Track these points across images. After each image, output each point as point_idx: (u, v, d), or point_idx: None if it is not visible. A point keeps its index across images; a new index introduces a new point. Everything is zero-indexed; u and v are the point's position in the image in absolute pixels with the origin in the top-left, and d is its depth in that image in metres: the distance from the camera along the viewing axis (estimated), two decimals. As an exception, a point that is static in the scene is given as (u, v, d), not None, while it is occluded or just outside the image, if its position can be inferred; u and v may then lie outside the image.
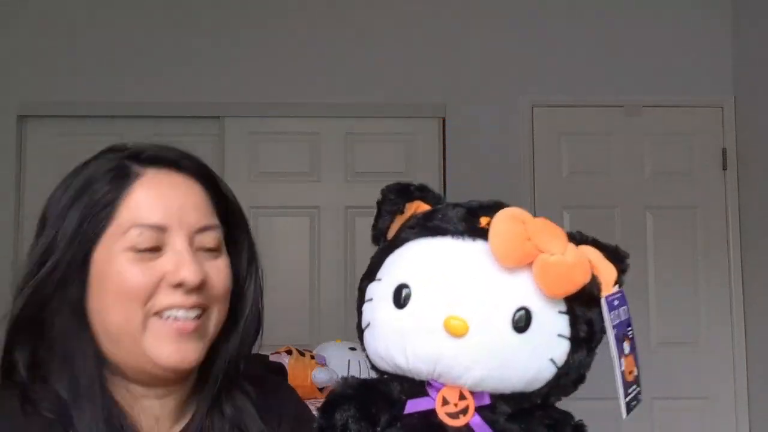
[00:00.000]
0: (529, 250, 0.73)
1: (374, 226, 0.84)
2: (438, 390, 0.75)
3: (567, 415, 0.79)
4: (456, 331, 0.72)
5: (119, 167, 0.93)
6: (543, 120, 3.65)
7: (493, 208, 0.78)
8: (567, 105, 3.64)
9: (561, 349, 0.76)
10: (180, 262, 0.90)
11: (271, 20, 3.61)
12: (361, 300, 0.81)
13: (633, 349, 0.85)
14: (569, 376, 0.77)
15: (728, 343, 3.59)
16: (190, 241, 0.92)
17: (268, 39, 3.60)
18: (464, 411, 0.74)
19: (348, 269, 3.55)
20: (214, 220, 0.96)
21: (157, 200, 0.92)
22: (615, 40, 3.65)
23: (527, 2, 3.64)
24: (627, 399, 0.79)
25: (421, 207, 0.83)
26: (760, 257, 3.46)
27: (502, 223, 0.74)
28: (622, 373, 0.80)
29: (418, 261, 0.77)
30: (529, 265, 0.74)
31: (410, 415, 0.75)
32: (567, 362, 0.76)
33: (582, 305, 0.76)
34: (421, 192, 0.84)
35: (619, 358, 0.81)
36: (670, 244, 3.63)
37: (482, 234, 0.76)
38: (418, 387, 0.76)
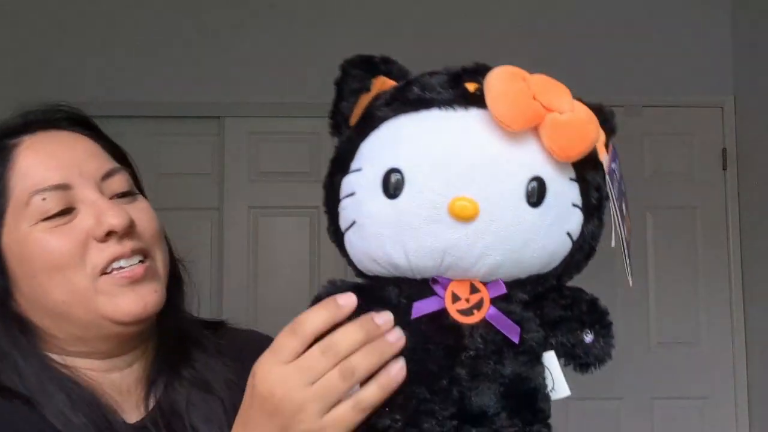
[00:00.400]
0: (537, 109, 0.64)
1: (333, 112, 0.72)
2: (445, 286, 0.66)
3: (579, 292, 0.71)
4: (464, 213, 0.62)
5: None
6: (543, 120, 3.64)
7: (476, 71, 0.68)
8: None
9: (576, 221, 0.68)
10: (99, 212, 0.84)
11: (271, 20, 3.60)
12: (334, 198, 0.69)
13: (627, 207, 0.75)
14: (583, 249, 0.69)
15: (728, 343, 3.59)
16: (100, 190, 0.86)
17: (267, 39, 3.60)
18: (478, 305, 0.66)
19: (348, 269, 3.54)
20: (115, 164, 0.90)
21: (47, 160, 0.86)
22: (615, 40, 3.65)
23: (526, 2, 3.64)
24: (628, 260, 0.71)
25: (386, 83, 0.71)
26: (760, 257, 3.46)
27: (501, 82, 0.64)
28: (628, 242, 0.72)
29: (406, 141, 0.66)
30: (534, 128, 0.65)
31: (417, 320, 0.66)
32: (582, 234, 0.68)
33: (590, 169, 0.68)
34: (386, 65, 0.72)
35: (623, 224, 0.72)
36: (670, 244, 3.63)
37: (474, 101, 0.65)
38: (420, 287, 0.66)
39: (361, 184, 0.67)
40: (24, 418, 0.82)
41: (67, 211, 0.85)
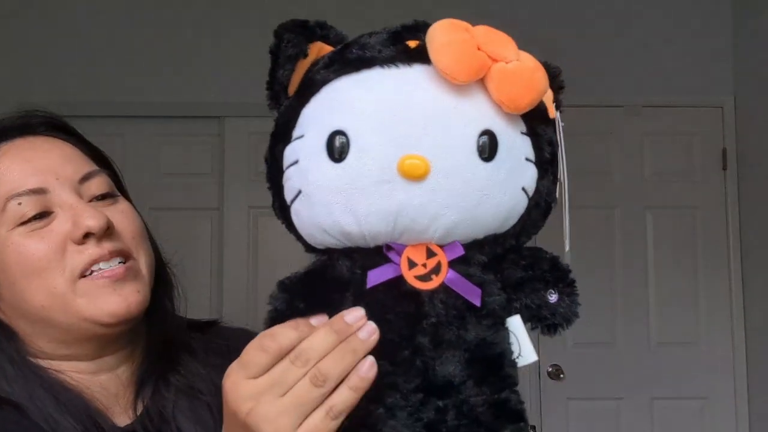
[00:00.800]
0: (482, 60, 0.61)
1: (270, 82, 0.68)
2: (400, 252, 0.62)
3: (539, 251, 0.67)
4: (415, 172, 0.59)
5: None
6: (543, 120, 3.64)
7: (417, 28, 0.65)
8: (567, 105, 3.62)
9: (530, 176, 0.65)
10: (77, 214, 0.84)
11: (271, 20, 3.58)
12: (276, 170, 0.66)
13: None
14: (539, 206, 0.66)
15: (728, 343, 3.59)
16: (78, 193, 0.86)
17: (268, 39, 3.58)
18: (436, 270, 0.62)
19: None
20: (94, 167, 0.89)
21: (23, 165, 0.85)
22: (615, 39, 3.65)
23: (526, 2, 3.64)
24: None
25: (324, 49, 0.68)
26: (760, 257, 3.46)
27: (444, 34, 0.61)
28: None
29: (348, 99, 0.63)
30: (481, 80, 0.62)
31: (373, 290, 0.62)
32: (537, 190, 0.65)
33: (541, 123, 0.66)
34: (323, 30, 0.69)
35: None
36: (670, 244, 3.63)
37: (417, 56, 0.63)
38: (374, 256, 0.63)
39: (304, 150, 0.64)
40: (13, 423, 0.82)
41: (43, 215, 0.84)
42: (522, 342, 0.65)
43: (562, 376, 3.56)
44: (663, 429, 3.58)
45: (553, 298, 0.66)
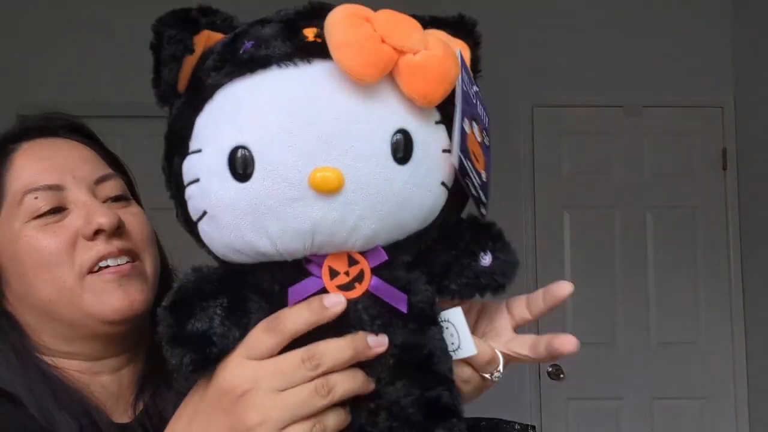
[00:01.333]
0: (388, 54, 0.56)
1: (156, 81, 0.62)
2: (320, 264, 0.59)
3: (456, 225, 0.64)
4: (328, 185, 0.55)
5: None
6: (543, 120, 3.65)
7: (313, 13, 0.60)
8: (567, 105, 3.63)
9: (448, 166, 0.61)
10: (89, 212, 0.86)
11: (271, 20, 3.60)
12: (176, 183, 0.62)
13: (485, 152, 0.65)
14: (459, 194, 0.63)
15: (728, 343, 3.59)
16: (92, 193, 0.88)
17: (268, 39, 3.60)
18: (359, 277, 0.60)
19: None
20: (109, 170, 0.92)
21: (42, 162, 0.88)
22: (615, 40, 3.65)
23: (527, 2, 3.64)
24: (464, 161, 0.61)
25: (212, 37, 0.63)
26: (760, 257, 3.46)
27: (342, 28, 0.56)
28: (464, 134, 0.61)
29: (247, 110, 0.58)
30: (389, 75, 0.57)
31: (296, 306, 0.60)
32: (455, 179, 0.62)
33: (454, 105, 0.61)
34: (207, 16, 0.63)
35: (462, 116, 0.61)
36: (670, 244, 3.63)
37: (316, 51, 0.57)
38: (293, 269, 0.60)
39: (204, 168, 0.59)
40: (7, 414, 0.82)
41: (58, 210, 0.86)
42: (462, 335, 0.63)
43: (562, 376, 3.56)
44: (663, 429, 3.58)
45: (486, 261, 0.64)
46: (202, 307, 0.60)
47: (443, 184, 0.61)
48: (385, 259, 0.60)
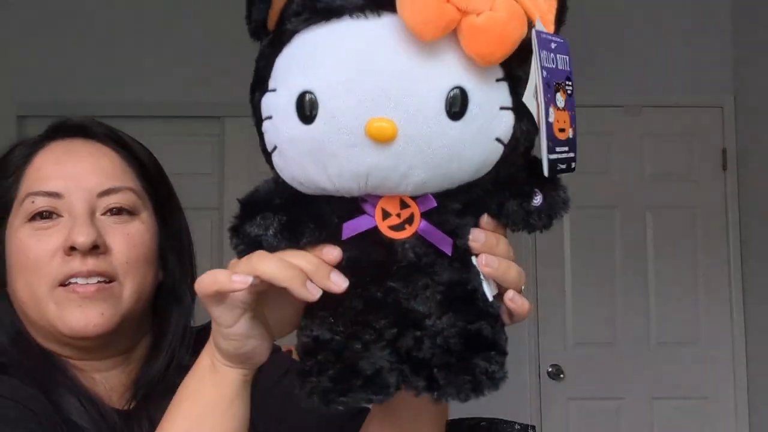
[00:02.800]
0: (451, 14, 0.58)
1: (248, 18, 0.68)
2: (375, 204, 0.64)
3: (515, 180, 0.67)
4: (383, 135, 0.59)
5: (33, 143, 0.94)
6: (543, 120, 3.64)
7: None
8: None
9: (506, 123, 0.63)
10: (72, 227, 0.87)
11: (271, 20, 3.61)
12: (257, 118, 0.67)
13: (570, 107, 0.68)
14: (517, 149, 0.65)
15: (728, 343, 3.59)
16: (91, 206, 0.89)
17: (268, 39, 3.60)
18: (409, 220, 0.64)
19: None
20: (124, 183, 0.92)
21: (53, 167, 0.91)
22: (615, 40, 3.65)
23: (527, 2, 3.64)
24: (552, 156, 0.65)
25: None
26: (760, 257, 3.46)
27: None
28: (550, 124, 0.64)
29: (317, 58, 0.62)
30: (453, 32, 0.60)
31: (349, 239, 0.65)
32: (514, 135, 0.64)
33: (521, 63, 0.63)
34: None
35: (547, 105, 0.64)
36: (670, 244, 3.63)
37: (387, 4, 0.60)
38: (350, 203, 0.65)
39: (277, 107, 0.64)
40: (14, 387, 0.84)
41: (49, 216, 0.89)
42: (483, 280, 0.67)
43: (562, 376, 3.56)
44: (663, 429, 3.58)
45: (537, 200, 0.68)
46: (263, 216, 0.67)
47: (498, 140, 0.63)
48: (434, 205, 0.64)
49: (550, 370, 3.56)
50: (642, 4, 3.68)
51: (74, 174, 0.90)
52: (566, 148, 0.67)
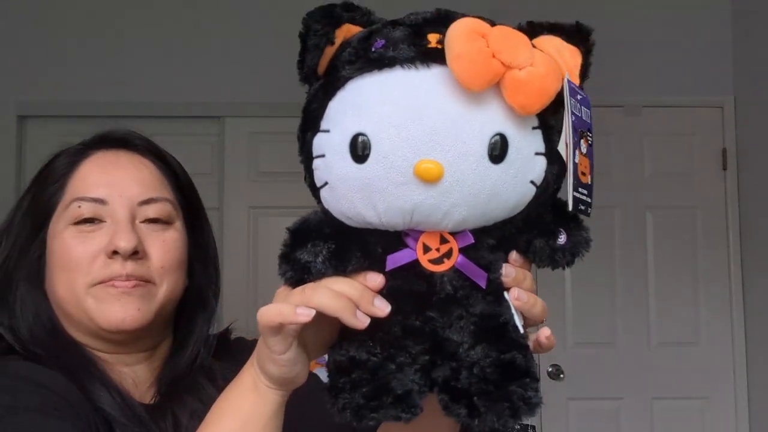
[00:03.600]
0: (496, 68, 0.65)
1: (301, 64, 0.72)
2: (417, 238, 0.70)
3: (542, 220, 0.73)
4: (430, 176, 0.65)
5: (73, 152, 1.00)
6: (543, 120, 3.65)
7: (439, 20, 0.69)
8: (567, 105, 3.63)
9: (539, 168, 0.69)
10: (116, 232, 0.94)
11: (270, 20, 3.60)
12: (307, 154, 0.72)
13: (590, 156, 0.76)
14: (547, 191, 0.71)
15: (728, 343, 3.59)
16: (132, 213, 0.96)
17: (268, 39, 3.60)
18: (448, 254, 0.70)
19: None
20: (162, 194, 1.00)
21: (99, 175, 0.98)
22: (615, 40, 3.65)
23: (526, 2, 3.64)
24: (576, 194, 0.72)
25: (351, 30, 0.72)
26: (760, 257, 3.46)
27: (460, 42, 0.65)
28: (576, 164, 0.72)
29: (370, 103, 0.67)
30: (496, 84, 0.66)
31: (392, 270, 0.70)
32: (545, 178, 0.70)
33: (553, 114, 0.69)
34: (349, 12, 0.72)
35: (574, 147, 0.71)
36: (670, 244, 3.63)
37: (436, 57, 0.67)
38: (394, 237, 0.71)
39: (330, 147, 0.69)
40: (55, 377, 0.89)
41: (95, 221, 0.96)
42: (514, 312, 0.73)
43: (562, 376, 3.56)
44: (663, 429, 3.58)
45: (562, 239, 0.73)
46: (314, 243, 0.71)
47: (532, 182, 0.69)
48: (472, 241, 0.70)
49: (550, 370, 3.56)
50: (642, 4, 3.68)
51: (118, 182, 0.97)
52: (586, 192, 0.74)
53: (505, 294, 0.72)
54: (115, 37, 3.59)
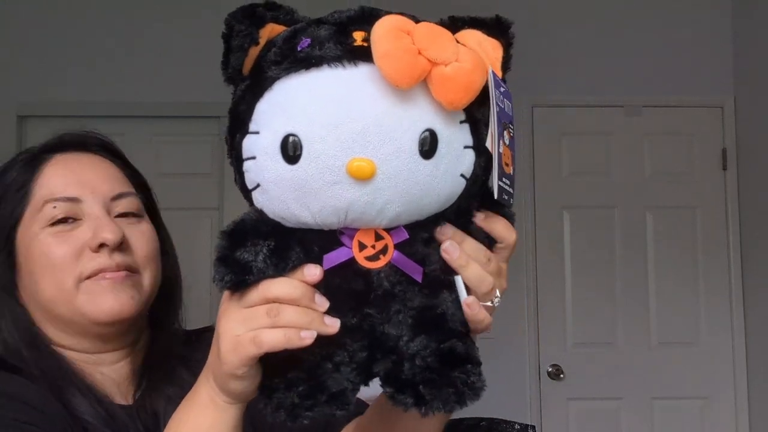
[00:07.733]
0: (423, 65, 0.66)
1: (225, 65, 0.72)
2: (352, 236, 0.71)
3: (471, 211, 0.74)
4: (363, 174, 0.66)
5: (29, 158, 1.00)
6: (543, 120, 3.65)
7: (363, 18, 0.70)
8: (567, 105, 3.64)
9: (468, 161, 0.70)
10: (98, 226, 0.95)
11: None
12: (237, 155, 0.72)
13: (512, 147, 0.77)
14: (476, 182, 0.72)
15: (728, 343, 3.59)
16: (107, 208, 0.98)
17: (268, 39, 3.60)
18: (383, 251, 0.71)
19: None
20: (129, 188, 1.01)
21: (67, 175, 0.98)
22: (615, 40, 3.65)
23: (527, 2, 3.64)
24: (500, 182, 0.73)
25: (275, 30, 0.72)
26: (760, 257, 3.46)
27: (385, 40, 0.65)
28: (500, 154, 0.72)
29: (300, 104, 0.68)
30: (423, 80, 0.66)
31: (330, 269, 0.71)
32: (474, 171, 0.71)
33: (479, 107, 0.70)
34: (272, 11, 0.72)
35: (499, 138, 0.72)
36: (670, 244, 3.63)
37: (362, 55, 0.67)
38: (330, 235, 0.71)
39: (260, 149, 0.69)
40: (24, 385, 0.90)
41: (71, 220, 0.96)
42: (458, 285, 0.73)
43: (562, 376, 3.56)
44: (663, 429, 3.58)
45: (479, 219, 0.75)
46: (253, 242, 0.71)
47: (462, 175, 0.70)
48: (406, 237, 0.71)
49: (550, 370, 3.56)
50: (642, 3, 3.68)
51: (87, 181, 0.98)
52: (508, 182, 0.75)
53: (457, 279, 0.72)
54: (115, 37, 3.59)
